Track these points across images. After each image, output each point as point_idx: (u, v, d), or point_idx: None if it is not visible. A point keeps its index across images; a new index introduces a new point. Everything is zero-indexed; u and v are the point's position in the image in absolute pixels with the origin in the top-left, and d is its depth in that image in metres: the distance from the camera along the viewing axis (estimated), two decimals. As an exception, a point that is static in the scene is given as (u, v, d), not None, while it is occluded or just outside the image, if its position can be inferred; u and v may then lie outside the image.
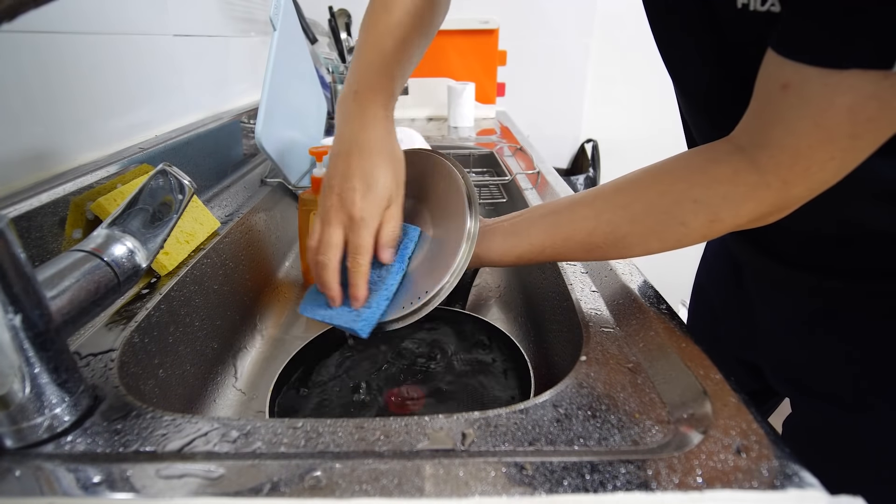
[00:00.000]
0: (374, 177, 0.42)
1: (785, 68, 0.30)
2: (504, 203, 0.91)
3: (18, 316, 0.27)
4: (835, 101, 0.29)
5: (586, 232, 0.41)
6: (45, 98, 0.54)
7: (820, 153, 0.31)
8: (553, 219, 0.43)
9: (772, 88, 0.32)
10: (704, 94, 0.44)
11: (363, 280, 0.41)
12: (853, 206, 0.39)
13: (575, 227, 0.41)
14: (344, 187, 0.42)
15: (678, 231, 0.37)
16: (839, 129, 0.29)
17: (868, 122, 0.29)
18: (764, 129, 0.33)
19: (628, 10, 1.62)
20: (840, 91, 0.28)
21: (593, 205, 0.41)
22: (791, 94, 0.30)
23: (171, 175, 0.41)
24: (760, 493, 0.26)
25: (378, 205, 0.41)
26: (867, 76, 0.27)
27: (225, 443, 0.30)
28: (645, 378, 0.35)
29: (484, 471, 0.27)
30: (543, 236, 0.43)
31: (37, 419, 0.30)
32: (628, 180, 0.40)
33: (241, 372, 0.57)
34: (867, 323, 0.44)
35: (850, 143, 0.30)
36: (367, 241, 0.41)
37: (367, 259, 0.41)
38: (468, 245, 0.43)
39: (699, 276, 0.69)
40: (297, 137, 0.85)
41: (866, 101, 0.28)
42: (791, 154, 0.32)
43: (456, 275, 0.42)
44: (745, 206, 0.35)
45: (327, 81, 1.32)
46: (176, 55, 0.81)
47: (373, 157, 0.43)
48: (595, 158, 1.76)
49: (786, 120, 0.31)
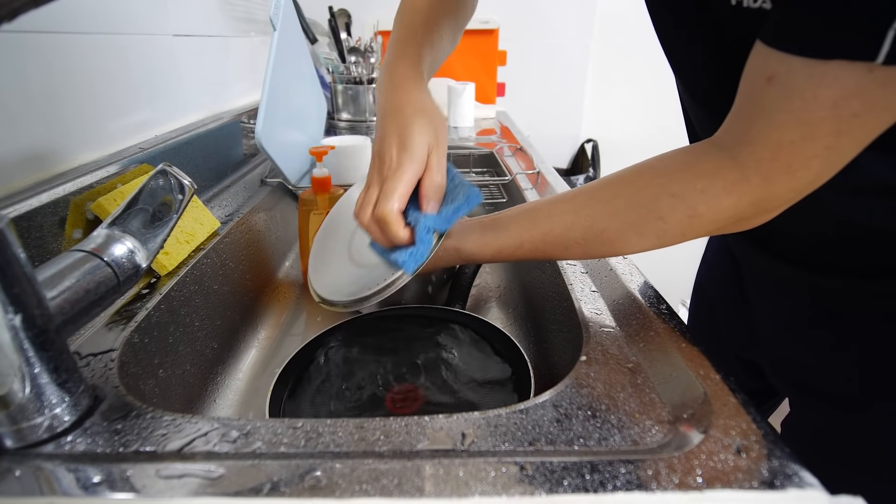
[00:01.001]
0: (409, 132, 0.42)
1: (770, 60, 0.30)
2: (504, 203, 0.91)
3: (18, 316, 0.27)
4: (819, 94, 0.28)
5: (564, 226, 0.40)
6: (46, 98, 0.54)
7: (803, 149, 0.30)
8: (533, 213, 0.43)
9: (756, 81, 0.31)
10: (705, 92, 0.44)
11: (392, 227, 0.40)
12: (853, 205, 0.39)
13: (553, 222, 0.41)
14: (382, 147, 0.43)
15: (656, 226, 0.37)
16: (823, 125, 0.29)
17: (852, 118, 0.28)
18: (747, 124, 0.33)
19: (628, 10, 1.62)
20: (825, 83, 0.28)
21: (574, 200, 0.41)
22: (775, 86, 0.30)
23: (171, 175, 0.41)
24: (760, 493, 0.26)
25: (415, 155, 0.41)
26: (852, 68, 0.27)
27: (225, 443, 0.30)
28: (645, 378, 0.35)
29: (484, 471, 0.27)
30: (521, 230, 0.43)
31: (37, 419, 0.30)
32: (612, 177, 0.40)
33: (241, 372, 0.57)
34: (868, 322, 0.44)
35: (833, 141, 0.29)
36: (396, 187, 0.40)
37: (394, 205, 0.40)
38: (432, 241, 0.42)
39: (700, 275, 0.69)
40: (297, 137, 0.85)
41: (851, 95, 0.27)
42: (772, 149, 0.31)
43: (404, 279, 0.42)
44: (723, 201, 0.34)
45: (327, 81, 1.32)
46: (176, 55, 0.81)
47: (405, 116, 0.44)
48: (595, 158, 1.76)
49: (768, 113, 0.31)
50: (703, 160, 0.36)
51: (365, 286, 0.44)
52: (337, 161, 0.85)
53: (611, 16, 1.63)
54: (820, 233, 0.43)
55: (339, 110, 1.32)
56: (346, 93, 1.30)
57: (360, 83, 1.29)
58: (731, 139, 0.34)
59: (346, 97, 1.30)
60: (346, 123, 1.30)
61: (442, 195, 0.43)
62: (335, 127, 1.29)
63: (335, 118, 1.32)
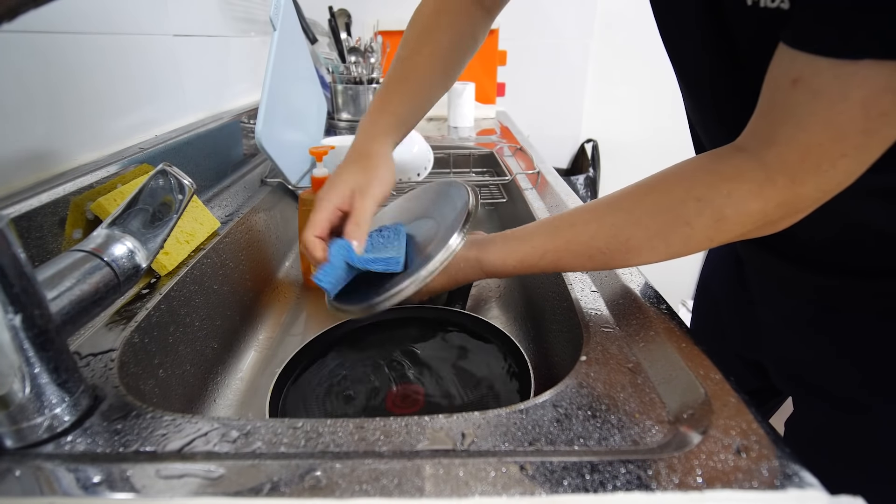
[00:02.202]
0: (338, 172, 0.50)
1: (796, 62, 0.30)
2: (504, 203, 0.91)
3: (18, 316, 0.27)
4: (848, 95, 0.28)
5: (588, 235, 0.40)
6: (46, 98, 0.54)
7: (831, 150, 0.30)
8: (555, 224, 0.43)
9: (781, 84, 0.31)
10: (712, 97, 0.44)
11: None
12: (859, 208, 0.39)
13: (576, 231, 0.41)
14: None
15: (683, 232, 0.36)
16: (851, 125, 0.29)
17: (881, 116, 0.28)
18: (771, 126, 0.32)
19: (628, 10, 1.62)
20: (853, 84, 0.28)
21: (596, 209, 0.41)
22: (801, 88, 0.30)
23: (171, 175, 0.41)
24: (760, 493, 0.26)
25: (333, 194, 0.47)
26: (881, 67, 0.27)
27: (225, 443, 0.30)
28: (645, 378, 0.35)
29: (484, 471, 0.27)
30: (544, 240, 0.42)
31: (37, 419, 0.30)
32: (632, 186, 0.40)
33: (241, 372, 0.57)
34: (870, 323, 0.44)
35: (862, 140, 0.29)
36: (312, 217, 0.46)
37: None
38: (443, 255, 0.42)
39: (703, 274, 0.69)
40: (297, 137, 0.85)
41: (880, 94, 0.27)
42: (800, 151, 0.31)
43: (417, 282, 0.42)
44: (750, 204, 0.34)
45: (327, 81, 1.32)
46: (176, 55, 0.81)
47: (345, 159, 0.52)
48: (595, 158, 1.76)
49: (795, 116, 0.30)
50: (726, 164, 0.35)
51: (377, 293, 0.44)
52: (337, 161, 0.83)
53: (611, 16, 1.63)
54: (825, 237, 0.43)
55: (339, 110, 1.32)
56: (346, 93, 1.30)
57: (360, 83, 1.29)
58: (755, 142, 0.34)
59: (346, 97, 1.30)
60: (346, 123, 1.30)
61: (360, 235, 0.46)
62: (335, 127, 1.29)
63: (335, 118, 1.32)
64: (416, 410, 0.42)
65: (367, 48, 1.27)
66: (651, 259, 0.39)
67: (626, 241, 0.38)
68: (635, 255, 0.39)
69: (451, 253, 0.42)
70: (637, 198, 0.39)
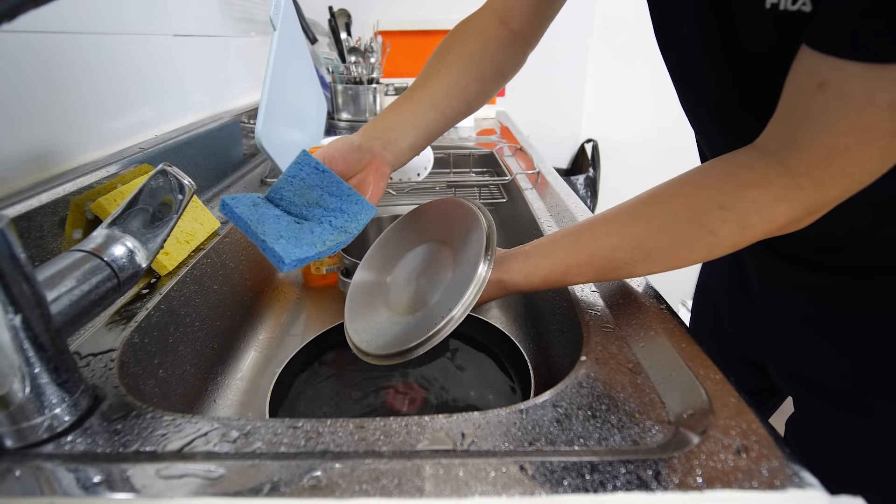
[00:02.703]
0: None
1: (822, 66, 0.29)
2: (504, 203, 0.91)
3: (18, 316, 0.27)
4: (875, 98, 0.28)
5: (611, 248, 0.39)
6: (46, 98, 0.54)
7: (857, 153, 0.30)
8: (576, 237, 0.42)
9: (805, 88, 0.31)
10: (715, 106, 0.44)
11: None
12: (863, 211, 0.39)
13: (598, 244, 0.40)
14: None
15: (707, 240, 0.36)
16: (879, 127, 0.29)
17: None
18: (795, 131, 0.32)
19: (628, 10, 1.62)
20: (881, 87, 0.27)
21: (616, 220, 0.40)
22: (827, 92, 0.29)
23: (171, 175, 0.41)
24: (760, 493, 0.26)
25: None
26: None
27: (225, 443, 0.30)
28: (645, 378, 0.35)
29: (484, 471, 0.27)
30: (566, 255, 0.41)
31: (37, 419, 0.30)
32: (650, 194, 0.39)
33: (241, 372, 0.57)
34: (870, 322, 0.44)
35: (889, 142, 0.29)
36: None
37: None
38: (473, 289, 0.40)
39: (703, 273, 0.69)
40: (297, 137, 0.85)
41: None
42: (826, 155, 0.31)
43: (453, 322, 0.39)
44: (776, 209, 0.33)
45: (327, 81, 1.32)
46: (176, 55, 0.81)
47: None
48: (595, 158, 1.76)
49: (821, 120, 0.30)
50: (748, 169, 0.35)
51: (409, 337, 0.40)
52: (337, 161, 0.85)
53: (610, 16, 1.63)
54: (826, 236, 0.43)
55: (339, 110, 1.32)
56: (346, 93, 1.30)
57: (360, 83, 1.29)
58: (777, 146, 0.34)
59: (346, 97, 1.30)
60: (346, 123, 1.30)
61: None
62: (335, 127, 1.29)
63: (335, 118, 1.32)
64: (416, 410, 0.42)
65: (367, 48, 1.27)
66: (674, 267, 0.39)
67: (649, 252, 0.38)
68: (659, 264, 0.39)
69: (482, 284, 0.40)
70: (658, 208, 0.38)
